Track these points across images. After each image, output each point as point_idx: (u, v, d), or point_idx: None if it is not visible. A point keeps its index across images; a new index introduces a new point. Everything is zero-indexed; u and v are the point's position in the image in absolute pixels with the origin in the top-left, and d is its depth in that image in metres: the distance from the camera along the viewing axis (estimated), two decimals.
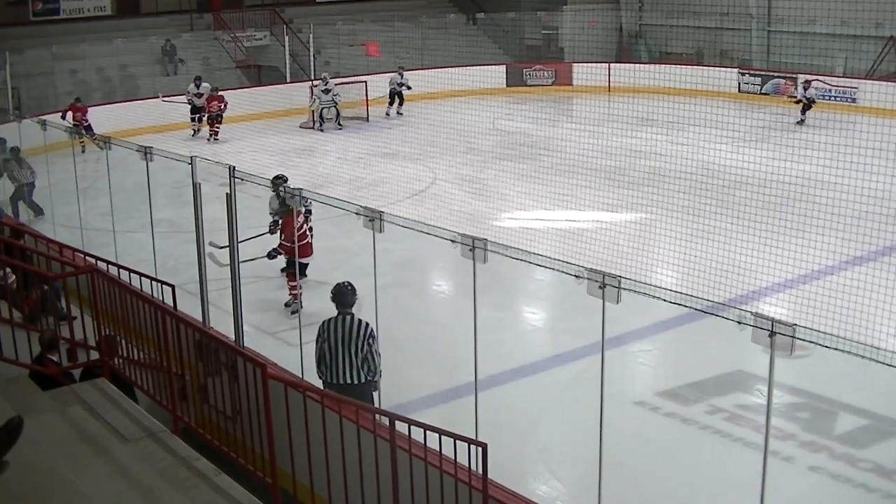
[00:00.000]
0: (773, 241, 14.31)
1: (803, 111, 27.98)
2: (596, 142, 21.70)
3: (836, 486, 9.18)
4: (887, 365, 5.57)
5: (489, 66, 34.11)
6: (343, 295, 9.21)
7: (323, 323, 9.15)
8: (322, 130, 28.09)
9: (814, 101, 28.04)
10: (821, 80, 30.88)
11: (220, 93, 27.79)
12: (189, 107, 28.16)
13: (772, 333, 5.85)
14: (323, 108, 28.20)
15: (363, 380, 9.02)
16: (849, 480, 9.22)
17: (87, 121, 25.02)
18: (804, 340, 5.81)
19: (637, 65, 34.64)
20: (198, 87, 28.03)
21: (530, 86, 35.29)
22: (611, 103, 30.69)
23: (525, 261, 7.52)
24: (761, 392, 10.30)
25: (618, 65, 34.99)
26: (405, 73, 30.62)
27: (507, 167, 22.09)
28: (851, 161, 16.52)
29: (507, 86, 35.18)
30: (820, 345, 5.76)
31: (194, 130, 28.06)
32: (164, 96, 28.48)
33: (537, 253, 7.49)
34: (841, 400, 10.72)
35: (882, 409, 10.42)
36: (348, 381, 8.96)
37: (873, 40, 31.64)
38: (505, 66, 35.92)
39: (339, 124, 28.22)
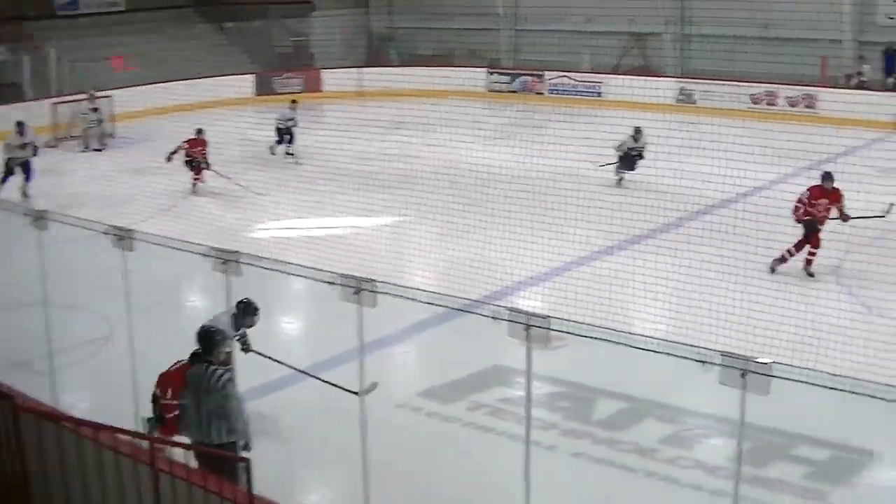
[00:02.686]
0: (525, 236, 14.53)
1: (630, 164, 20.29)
2: (349, 147, 21.68)
3: (599, 470, 9.50)
4: (639, 349, 5.72)
5: (238, 76, 33.55)
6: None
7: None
8: (89, 149, 26.67)
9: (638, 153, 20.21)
10: (568, 77, 32.26)
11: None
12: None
13: (527, 326, 5.91)
14: (90, 127, 26.91)
15: None
16: (611, 463, 9.55)
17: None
18: (559, 331, 5.89)
19: (388, 68, 34.88)
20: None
21: (280, 94, 34.87)
22: (363, 108, 30.75)
23: (278, 270, 7.41)
24: (521, 385, 10.45)
25: (368, 69, 35.16)
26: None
27: (259, 177, 21.70)
28: (599, 154, 17.07)
29: (257, 94, 34.64)
30: (575, 334, 5.85)
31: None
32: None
33: (290, 262, 7.41)
34: (599, 387, 11.05)
35: (639, 393, 10.83)
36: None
37: (617, 36, 33.28)
38: (254, 74, 35.38)
39: (102, 143, 26.98)
